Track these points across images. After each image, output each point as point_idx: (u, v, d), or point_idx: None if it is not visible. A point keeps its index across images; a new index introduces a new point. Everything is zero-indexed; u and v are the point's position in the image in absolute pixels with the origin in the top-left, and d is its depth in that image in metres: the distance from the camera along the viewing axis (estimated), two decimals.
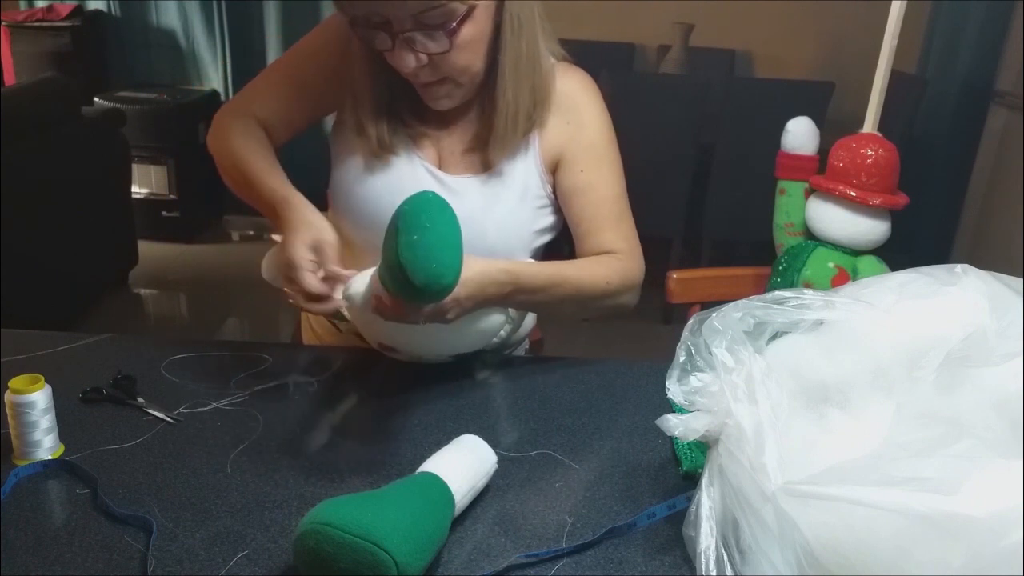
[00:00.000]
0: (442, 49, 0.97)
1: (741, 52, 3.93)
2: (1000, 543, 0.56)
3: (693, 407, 0.75)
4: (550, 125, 1.12)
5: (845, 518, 0.61)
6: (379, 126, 1.08)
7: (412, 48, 0.97)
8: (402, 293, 0.84)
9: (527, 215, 1.13)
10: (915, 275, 0.78)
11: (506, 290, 1.00)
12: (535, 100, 1.09)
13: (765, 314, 0.76)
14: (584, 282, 1.08)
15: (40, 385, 0.84)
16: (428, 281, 0.81)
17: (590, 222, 1.13)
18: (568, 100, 1.12)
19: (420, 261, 0.80)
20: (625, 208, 1.16)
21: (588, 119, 1.13)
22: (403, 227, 0.81)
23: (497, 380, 1.08)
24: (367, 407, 1.01)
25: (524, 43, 1.05)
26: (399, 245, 0.80)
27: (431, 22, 0.95)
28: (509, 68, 1.04)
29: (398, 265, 0.80)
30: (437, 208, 0.82)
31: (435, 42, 0.96)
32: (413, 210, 0.82)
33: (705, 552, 0.70)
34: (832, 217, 1.30)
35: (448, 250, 0.82)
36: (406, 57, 0.97)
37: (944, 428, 0.66)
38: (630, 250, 1.15)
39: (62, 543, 0.74)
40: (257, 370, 1.06)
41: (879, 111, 1.45)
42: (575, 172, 1.12)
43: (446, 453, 0.82)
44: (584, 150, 1.12)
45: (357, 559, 0.66)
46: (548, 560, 0.75)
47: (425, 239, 0.80)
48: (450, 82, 1.03)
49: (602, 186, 1.13)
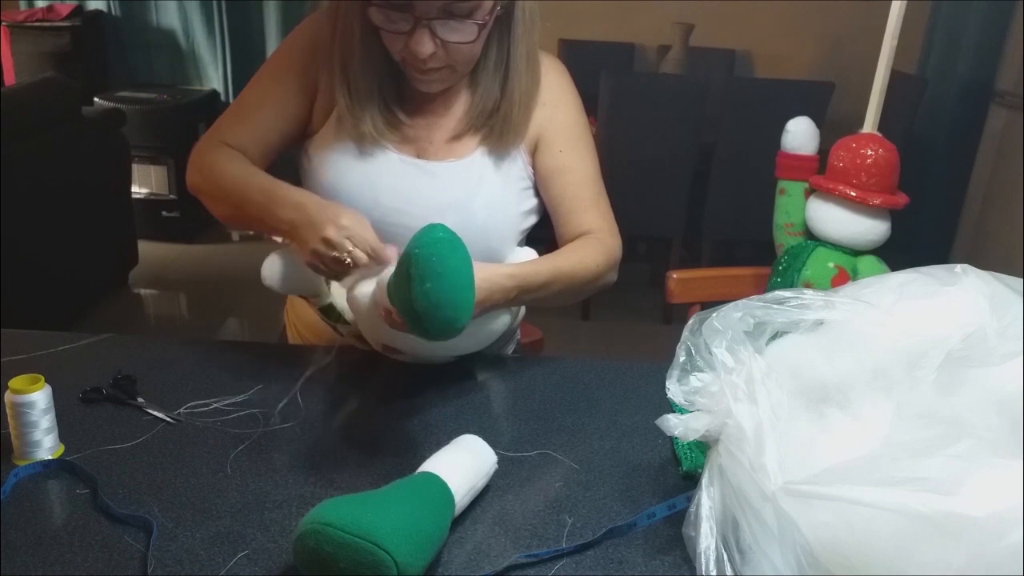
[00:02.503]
0: (467, 39, 1.00)
1: (741, 52, 3.93)
2: (1000, 543, 0.56)
3: (693, 407, 0.75)
4: None
5: (845, 518, 0.61)
6: (371, 109, 1.09)
7: (433, 35, 0.99)
8: (415, 331, 0.85)
9: (512, 196, 1.15)
10: (915, 275, 0.78)
11: (512, 294, 1.01)
12: (536, 88, 1.13)
13: (765, 314, 0.76)
14: (577, 271, 1.10)
15: (40, 385, 0.84)
16: (443, 328, 0.82)
17: (571, 202, 1.16)
18: (543, 83, 1.15)
19: (435, 310, 0.81)
20: (601, 187, 1.19)
21: (563, 101, 1.17)
22: (416, 274, 0.80)
23: (497, 380, 1.08)
24: (367, 407, 1.01)
25: (534, 37, 1.09)
26: (413, 292, 0.80)
27: (459, 12, 0.97)
28: (522, 61, 1.09)
29: (413, 312, 0.81)
30: (449, 249, 0.82)
31: (458, 32, 0.99)
32: (424, 255, 0.80)
33: (705, 552, 0.70)
34: (832, 217, 1.30)
35: (461, 293, 0.82)
36: (425, 43, 0.99)
37: (944, 428, 0.66)
38: (609, 228, 1.17)
39: (62, 543, 0.74)
40: (257, 370, 1.06)
41: (879, 111, 1.45)
42: (554, 152, 1.15)
43: (446, 453, 0.82)
44: (562, 131, 1.15)
45: (357, 559, 0.66)
46: (548, 560, 0.75)
47: (439, 286, 0.80)
48: (449, 68, 1.05)
49: (580, 166, 1.16)
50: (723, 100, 2.99)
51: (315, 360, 1.10)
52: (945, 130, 3.38)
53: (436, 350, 1.05)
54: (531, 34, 1.09)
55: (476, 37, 1.00)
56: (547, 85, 1.15)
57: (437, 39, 0.99)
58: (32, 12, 3.82)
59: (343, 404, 1.01)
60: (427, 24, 0.98)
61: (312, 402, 1.00)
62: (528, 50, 1.09)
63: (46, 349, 1.08)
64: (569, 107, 1.17)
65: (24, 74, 3.72)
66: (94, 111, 3.15)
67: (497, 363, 1.12)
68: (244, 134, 1.13)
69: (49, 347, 1.08)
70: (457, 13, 0.97)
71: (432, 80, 1.07)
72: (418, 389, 1.04)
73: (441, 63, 1.03)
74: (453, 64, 1.04)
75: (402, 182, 1.11)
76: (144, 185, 3.64)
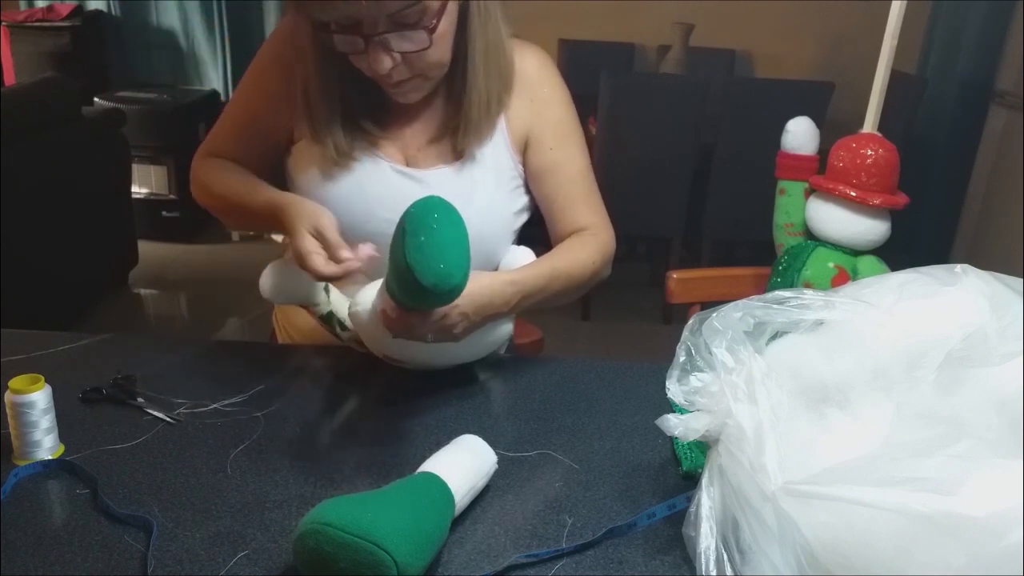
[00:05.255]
0: (420, 47, 0.96)
1: (741, 52, 3.93)
2: (1000, 543, 0.56)
3: (693, 407, 0.75)
4: (515, 105, 1.13)
5: (845, 518, 0.61)
6: (335, 134, 1.07)
7: (387, 49, 0.96)
8: (410, 296, 0.84)
9: (505, 198, 1.14)
10: (915, 275, 0.78)
11: (513, 300, 1.01)
12: (503, 84, 1.10)
13: (765, 314, 0.76)
14: (575, 270, 1.10)
15: (40, 385, 0.84)
16: (437, 281, 0.80)
17: (564, 199, 1.15)
18: (528, 78, 1.13)
19: (428, 261, 0.79)
20: (592, 181, 1.18)
21: (551, 96, 1.14)
22: (410, 229, 0.80)
23: (497, 380, 1.08)
24: (367, 407, 1.01)
25: (491, 29, 1.05)
26: (406, 247, 0.80)
27: (407, 21, 0.94)
28: (479, 57, 1.05)
29: (406, 267, 0.80)
30: (443, 210, 0.82)
31: (411, 41, 0.96)
32: (419, 212, 0.81)
33: (705, 552, 0.70)
34: (832, 217, 1.30)
35: (456, 250, 0.82)
36: (381, 59, 0.96)
37: (944, 428, 0.66)
38: (602, 223, 1.17)
39: (62, 543, 0.74)
40: (257, 370, 1.06)
41: (879, 111, 1.45)
42: (544, 150, 1.13)
43: (446, 453, 0.82)
44: (551, 127, 1.14)
45: (357, 559, 0.66)
46: (548, 560, 0.75)
47: (432, 239, 0.80)
48: (420, 77, 1.03)
49: (571, 162, 1.15)
50: (723, 100, 2.99)
51: (315, 361, 1.10)
52: (945, 130, 3.38)
53: (436, 359, 1.04)
54: (486, 28, 1.04)
55: (429, 44, 0.96)
56: (534, 81, 1.13)
57: (393, 52, 0.97)
58: (32, 12, 3.82)
59: (343, 404, 1.01)
60: (379, 40, 0.95)
61: (312, 402, 1.00)
62: (487, 46, 1.05)
63: (46, 349, 1.08)
64: (557, 102, 1.15)
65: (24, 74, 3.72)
66: (94, 111, 3.15)
67: (497, 363, 1.12)
68: (236, 146, 1.14)
69: (49, 347, 1.08)
70: (404, 22, 0.94)
71: (407, 91, 1.04)
72: (418, 389, 1.04)
73: (408, 74, 1.01)
74: (421, 72, 1.01)
75: (391, 191, 1.08)
76: (144, 185, 3.64)
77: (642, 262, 3.63)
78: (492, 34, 1.06)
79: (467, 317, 0.95)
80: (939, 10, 3.50)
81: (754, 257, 3.32)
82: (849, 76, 3.15)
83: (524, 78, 1.13)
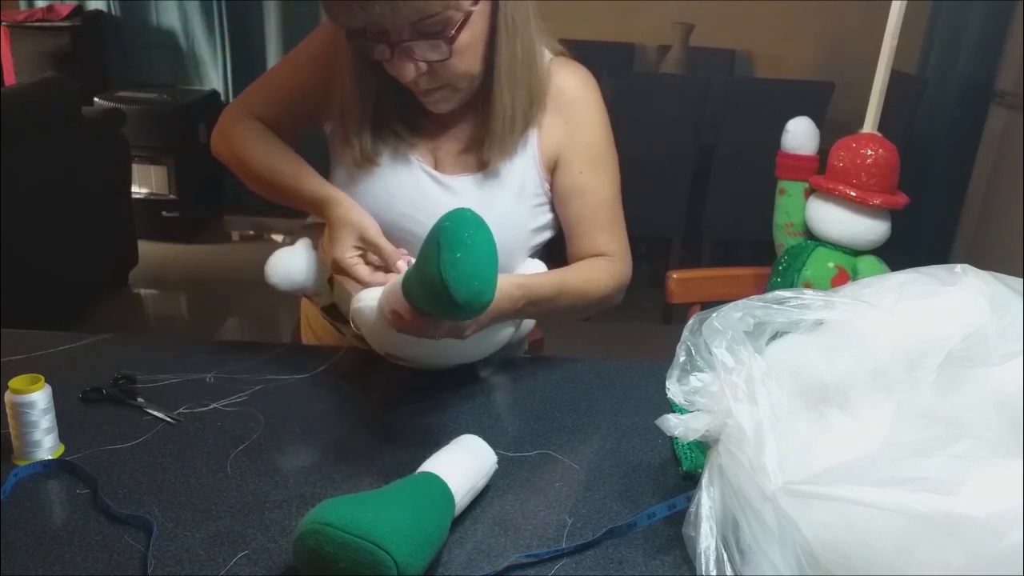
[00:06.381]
0: (442, 57, 0.97)
1: (741, 52, 3.93)
2: (1000, 543, 0.56)
3: (693, 407, 0.75)
4: (549, 123, 1.11)
5: (845, 518, 0.61)
6: (363, 138, 1.08)
7: (411, 57, 0.96)
8: (439, 308, 0.84)
9: (524, 213, 1.13)
10: (915, 275, 0.78)
11: (519, 304, 1.00)
12: (531, 100, 1.08)
13: (765, 314, 0.76)
14: (584, 289, 1.10)
15: (40, 385, 0.84)
16: (470, 298, 0.81)
17: (587, 224, 1.14)
18: (566, 97, 1.11)
19: (464, 278, 0.80)
20: (619, 209, 1.16)
21: (587, 118, 1.13)
22: (445, 244, 0.80)
23: (497, 380, 1.08)
24: (367, 407, 1.01)
25: (520, 44, 1.04)
26: (442, 262, 0.80)
27: (429, 30, 0.94)
28: (505, 70, 1.04)
29: (441, 283, 0.80)
30: (475, 225, 0.82)
31: (434, 50, 0.96)
32: (454, 226, 0.81)
33: (705, 552, 0.70)
34: (832, 217, 1.30)
35: (488, 268, 0.82)
36: (406, 67, 0.97)
37: (944, 428, 0.66)
38: (622, 252, 1.16)
39: (62, 543, 0.74)
40: (257, 370, 1.06)
41: (879, 111, 1.45)
42: (573, 173, 1.12)
43: (446, 453, 0.82)
44: (582, 150, 1.12)
45: (357, 559, 0.66)
46: (548, 560, 0.75)
47: (468, 256, 0.80)
48: (449, 87, 1.02)
49: (599, 189, 1.13)
50: (723, 100, 2.99)
51: (315, 361, 1.10)
52: (945, 130, 3.38)
53: (439, 358, 1.05)
54: (514, 43, 1.02)
55: (449, 54, 0.96)
56: (571, 101, 1.11)
57: (418, 61, 0.97)
58: (32, 12, 3.82)
59: (343, 404, 1.01)
60: (403, 48, 0.95)
61: (312, 402, 1.00)
62: (513, 61, 1.03)
63: (46, 349, 1.08)
64: (592, 126, 1.13)
65: (24, 74, 3.72)
66: (94, 111, 3.15)
67: (497, 363, 1.12)
68: (275, 110, 1.14)
69: (49, 347, 1.08)
70: (426, 31, 0.94)
71: (436, 100, 1.05)
72: (418, 389, 1.04)
73: (435, 83, 1.01)
74: (449, 82, 1.01)
75: (415, 191, 1.10)
76: (144, 185, 3.64)
77: (642, 262, 3.60)
78: (521, 48, 1.04)
79: (477, 319, 0.95)
80: (939, 10, 3.50)
81: (754, 257, 3.32)
82: (849, 76, 3.15)
83: (561, 98, 1.11)
